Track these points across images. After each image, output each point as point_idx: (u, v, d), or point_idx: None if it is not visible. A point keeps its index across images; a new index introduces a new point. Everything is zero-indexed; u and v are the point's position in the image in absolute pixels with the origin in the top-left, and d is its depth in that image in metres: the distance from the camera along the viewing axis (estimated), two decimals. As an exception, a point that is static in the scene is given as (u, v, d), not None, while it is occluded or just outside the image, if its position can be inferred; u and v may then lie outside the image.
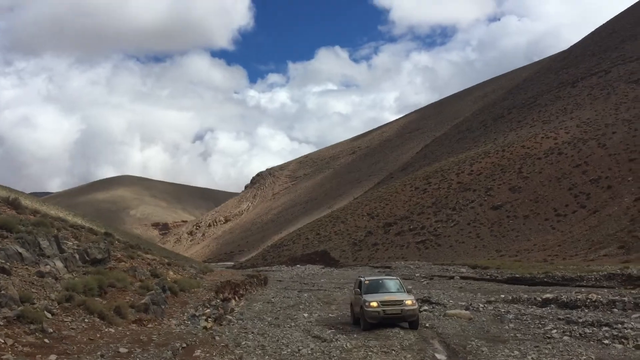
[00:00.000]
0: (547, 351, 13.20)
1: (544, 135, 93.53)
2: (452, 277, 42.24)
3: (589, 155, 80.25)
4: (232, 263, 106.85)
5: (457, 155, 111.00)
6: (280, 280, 40.95)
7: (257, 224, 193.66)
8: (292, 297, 28.34)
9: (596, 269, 32.98)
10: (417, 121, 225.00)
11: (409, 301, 17.46)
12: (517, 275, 36.17)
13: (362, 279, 19.75)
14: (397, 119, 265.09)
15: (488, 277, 39.26)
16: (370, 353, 13.59)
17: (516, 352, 13.34)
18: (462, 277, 41.75)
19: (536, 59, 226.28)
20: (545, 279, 32.91)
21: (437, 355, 13.68)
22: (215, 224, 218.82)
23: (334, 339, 15.46)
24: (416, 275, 47.52)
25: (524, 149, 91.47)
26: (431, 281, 40.05)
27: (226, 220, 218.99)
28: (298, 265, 66.92)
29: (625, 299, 20.13)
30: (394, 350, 14.02)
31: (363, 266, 67.44)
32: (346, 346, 14.47)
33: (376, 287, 18.82)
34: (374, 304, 17.20)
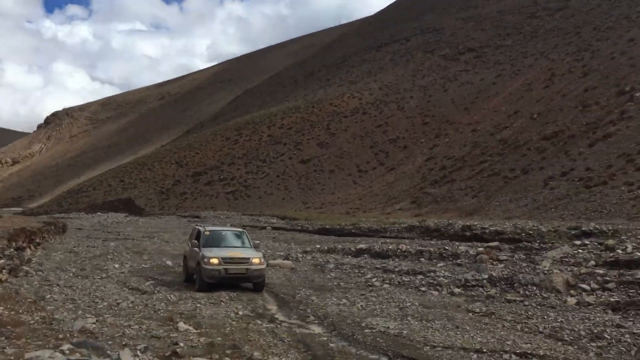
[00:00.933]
0: (373, 299, 13.56)
1: (351, 95, 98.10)
2: (264, 228, 42.61)
3: (389, 117, 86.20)
4: (21, 209, 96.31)
5: (268, 108, 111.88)
6: (80, 229, 37.64)
7: (52, 167, 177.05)
8: (97, 246, 26.05)
9: (398, 222, 35.50)
10: (229, 71, 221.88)
11: (257, 259, 14.94)
12: (327, 227, 37.60)
13: (201, 228, 16.84)
14: (209, 67, 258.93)
15: (299, 227, 40.27)
16: (198, 305, 12.73)
17: (344, 301, 13.50)
18: (274, 228, 42.33)
19: (345, 21, 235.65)
20: (353, 230, 34.62)
21: (268, 306, 13.31)
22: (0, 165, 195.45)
23: (155, 291, 14.26)
24: (227, 225, 47.18)
25: (332, 107, 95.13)
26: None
27: (14, 162, 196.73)
28: (99, 213, 62.48)
29: (431, 249, 21.75)
30: (223, 302, 13.34)
31: (170, 215, 65.33)
32: (170, 298, 13.41)
33: (218, 240, 16.08)
34: (215, 260, 14.62)
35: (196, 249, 15.60)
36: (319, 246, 25.91)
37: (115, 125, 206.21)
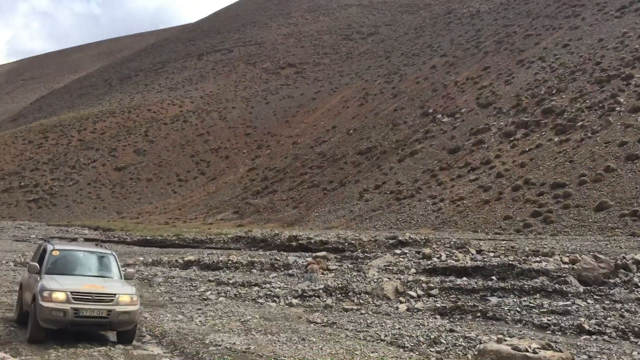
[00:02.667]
0: (212, 313, 13.06)
1: (171, 101, 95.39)
2: (75, 239, 39.24)
3: (211, 126, 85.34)
4: None
5: (78, 111, 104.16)
6: None
7: None
8: None
9: (224, 232, 35.03)
10: (32, 69, 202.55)
11: (126, 297, 10.11)
12: (149, 237, 35.82)
13: (48, 245, 11.49)
14: (8, 63, 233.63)
15: (116, 239, 37.79)
16: (13, 328, 11.14)
17: (180, 317, 12.82)
18: (86, 239, 39.19)
19: (163, 26, 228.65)
20: (176, 241, 33.41)
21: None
22: None
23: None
24: (32, 236, 42.63)
25: (150, 113, 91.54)
26: (50, 241, 36.47)
27: None
28: None
29: (262, 260, 21.72)
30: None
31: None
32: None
33: (71, 265, 11.09)
34: (59, 295, 9.66)
35: (36, 275, 10.64)
36: (142, 258, 24.49)
37: None
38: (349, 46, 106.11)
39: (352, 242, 28.34)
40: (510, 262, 16.93)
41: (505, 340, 8.44)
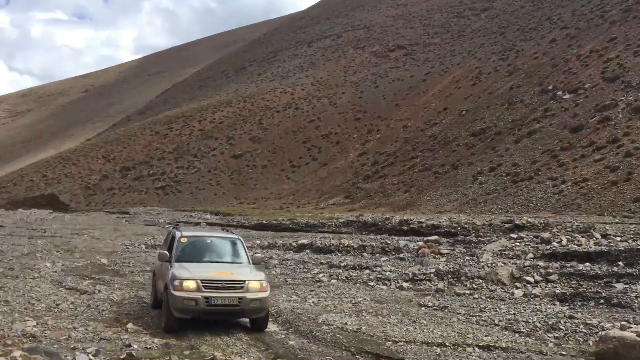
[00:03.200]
0: (324, 294, 13.40)
1: (283, 89, 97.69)
2: (198, 223, 41.66)
3: (322, 112, 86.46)
4: None
5: (198, 102, 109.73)
6: (1, 226, 35.45)
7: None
8: (23, 244, 24.55)
9: (335, 217, 35.55)
10: (156, 64, 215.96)
11: (255, 283, 9.93)
12: (264, 222, 37.18)
13: (177, 232, 11.43)
14: (135, 59, 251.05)
15: (235, 223, 39.62)
16: (145, 305, 12.13)
17: (295, 297, 13.27)
18: (208, 223, 41.46)
19: (274, 16, 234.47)
20: (290, 225, 34.40)
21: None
22: None
23: (95, 291, 13.48)
24: (160, 221, 45.82)
25: (264, 101, 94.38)
26: (177, 227, 39.03)
27: None
28: (21, 210, 59.15)
29: (373, 244, 21.86)
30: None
31: (97, 211, 62.78)
32: (113, 298, 12.71)
33: (199, 252, 10.97)
34: (190, 284, 9.62)
35: (167, 263, 10.57)
36: (258, 242, 25.52)
37: (36, 117, 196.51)
38: (460, 24, 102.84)
39: (465, 226, 27.66)
40: (638, 247, 15.79)
41: (630, 328, 7.93)
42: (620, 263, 14.89)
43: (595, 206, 36.88)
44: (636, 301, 11.00)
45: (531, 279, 13.87)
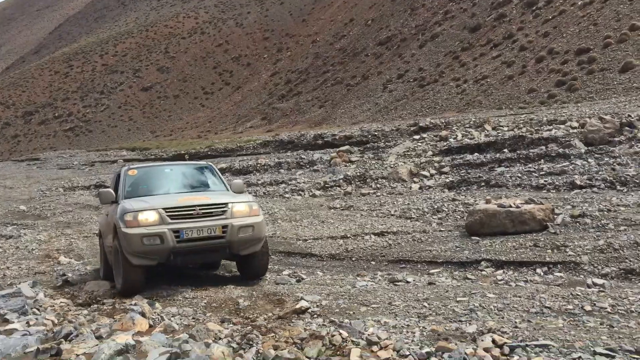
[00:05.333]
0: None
1: (185, 14, 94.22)
2: (114, 161, 41.25)
3: (229, 35, 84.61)
4: None
5: (97, 35, 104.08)
6: None
7: None
8: None
9: (252, 139, 36.28)
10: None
11: (243, 206, 7.55)
12: (183, 152, 37.36)
13: (122, 169, 8.86)
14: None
15: (153, 156, 39.54)
16: (73, 239, 12.73)
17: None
18: (125, 160, 41.13)
19: None
20: (209, 152, 34.85)
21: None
22: None
23: (20, 234, 13.83)
24: (74, 163, 44.89)
25: (167, 29, 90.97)
26: (93, 167, 38.65)
27: None
28: None
29: (289, 160, 22.95)
30: (96, 233, 13.41)
31: (4, 161, 60.25)
32: (40, 238, 13.18)
33: (156, 183, 8.44)
34: (149, 215, 7.17)
35: (114, 205, 7.99)
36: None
37: None
38: None
39: (375, 133, 29.15)
40: (521, 134, 17.63)
41: (495, 201, 9.46)
42: (505, 150, 16.69)
43: (494, 101, 39.41)
44: (510, 180, 12.71)
45: (427, 173, 15.45)
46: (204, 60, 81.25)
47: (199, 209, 7.21)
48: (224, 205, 7.38)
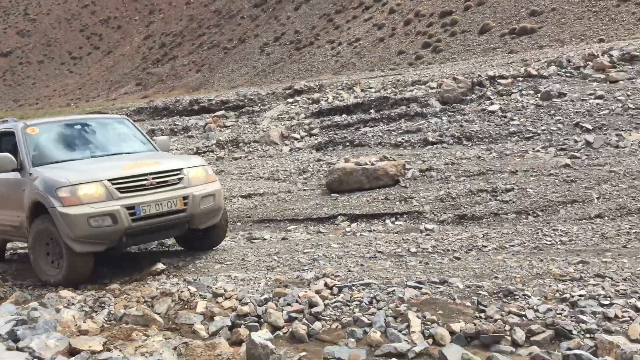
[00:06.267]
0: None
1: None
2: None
3: (96, -5, 79.75)
4: None
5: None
6: None
7: None
8: None
9: (125, 106, 35.00)
10: None
11: (199, 170, 6.51)
12: (49, 122, 35.32)
13: (12, 124, 7.03)
14: None
15: (16, 128, 37.01)
16: None
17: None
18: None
19: None
20: (79, 122, 33.27)
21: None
22: None
23: None
24: None
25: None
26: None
27: None
28: None
29: (162, 127, 22.56)
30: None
31: None
32: None
33: (70, 145, 6.89)
34: (92, 189, 5.74)
35: (15, 174, 6.50)
36: (44, 143, 24.67)
37: None
38: None
39: (251, 97, 29.24)
40: (386, 95, 18.59)
41: (354, 159, 10.12)
42: (372, 111, 17.56)
43: (367, 63, 40.77)
44: (372, 139, 13.52)
45: (297, 136, 15.95)
46: (69, 22, 76.08)
47: (152, 178, 5.96)
48: (178, 172, 6.18)
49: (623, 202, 7.08)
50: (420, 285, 4.36)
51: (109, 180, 5.74)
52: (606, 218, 6.60)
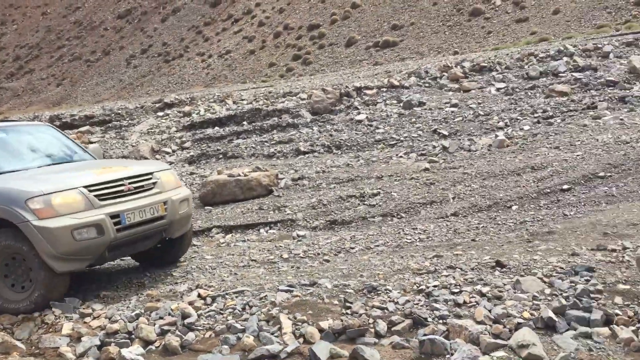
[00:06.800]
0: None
1: None
2: None
3: (-63, 4, 72.67)
4: None
5: None
6: None
7: None
8: None
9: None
10: None
11: (168, 175, 6.03)
12: None
13: None
14: None
15: None
16: None
17: None
18: None
19: None
20: None
21: None
22: None
23: None
24: None
25: None
26: None
27: None
28: None
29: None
30: None
31: None
32: None
33: (7, 154, 5.98)
34: (71, 196, 5.06)
35: None
36: None
37: None
38: None
39: (119, 111, 28.15)
40: (258, 107, 18.78)
41: (227, 171, 10.15)
42: (244, 123, 17.64)
43: (239, 75, 40.83)
44: (245, 151, 13.62)
45: (169, 150, 15.64)
46: None
47: (130, 182, 5.39)
48: (150, 176, 5.68)
49: (475, 200, 7.75)
50: (292, 289, 4.53)
51: (85, 187, 5.09)
52: (460, 216, 7.20)
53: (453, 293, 3.98)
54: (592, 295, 3.60)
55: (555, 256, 4.47)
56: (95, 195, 5.08)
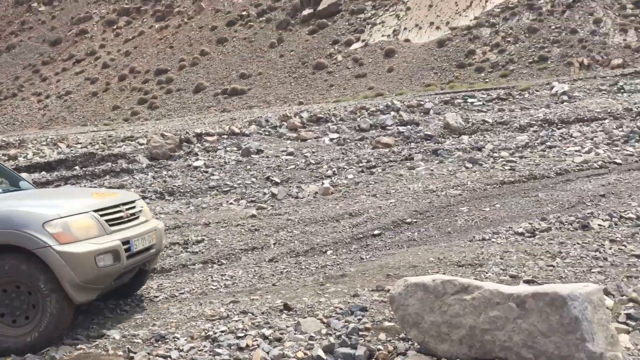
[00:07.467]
0: None
1: None
2: None
3: None
4: None
5: None
6: None
7: None
8: None
9: None
10: None
11: (143, 203, 5.60)
12: None
13: None
14: None
15: None
16: None
17: None
18: None
19: None
20: None
21: None
22: None
23: None
24: None
25: None
26: None
27: None
28: None
29: None
30: None
31: None
32: None
33: None
34: (85, 220, 4.59)
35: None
36: None
37: None
38: None
39: None
40: (92, 151, 18.02)
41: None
42: (77, 167, 16.80)
43: (79, 117, 38.91)
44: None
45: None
46: None
47: (126, 209, 5.05)
48: (134, 204, 5.29)
49: (294, 246, 8.04)
50: (77, 342, 4.36)
51: (94, 211, 4.68)
52: (278, 261, 7.42)
53: (238, 337, 4.08)
54: (360, 333, 3.90)
55: (339, 297, 4.79)
56: (108, 220, 4.77)
